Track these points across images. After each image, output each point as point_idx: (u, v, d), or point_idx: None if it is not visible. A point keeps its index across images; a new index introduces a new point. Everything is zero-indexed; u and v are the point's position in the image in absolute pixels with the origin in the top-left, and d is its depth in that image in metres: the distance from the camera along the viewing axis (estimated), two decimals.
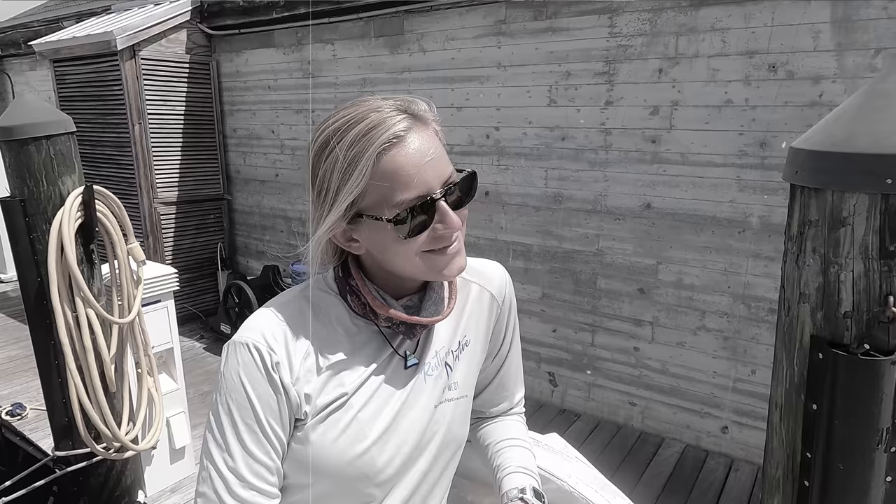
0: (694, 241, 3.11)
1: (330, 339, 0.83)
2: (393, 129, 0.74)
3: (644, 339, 3.37)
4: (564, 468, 0.98)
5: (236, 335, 0.81)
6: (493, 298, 0.98)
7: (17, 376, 4.11)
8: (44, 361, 2.48)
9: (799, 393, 0.93)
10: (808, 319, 0.90)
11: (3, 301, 5.73)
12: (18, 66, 7.23)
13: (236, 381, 0.78)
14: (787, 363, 0.96)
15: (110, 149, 4.83)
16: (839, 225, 0.83)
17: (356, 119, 0.75)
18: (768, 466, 1.05)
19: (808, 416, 0.92)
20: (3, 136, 2.23)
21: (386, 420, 0.84)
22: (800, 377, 0.93)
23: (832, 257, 0.85)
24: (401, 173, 0.74)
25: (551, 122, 3.44)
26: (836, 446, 0.87)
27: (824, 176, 0.85)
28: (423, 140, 0.76)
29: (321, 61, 4.42)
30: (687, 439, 3.32)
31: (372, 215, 0.76)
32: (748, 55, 2.79)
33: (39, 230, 2.28)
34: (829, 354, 0.86)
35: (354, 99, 0.79)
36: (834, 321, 0.87)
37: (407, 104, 0.78)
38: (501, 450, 1.02)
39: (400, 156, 0.74)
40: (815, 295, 0.89)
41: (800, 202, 0.90)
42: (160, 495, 2.89)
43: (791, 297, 0.94)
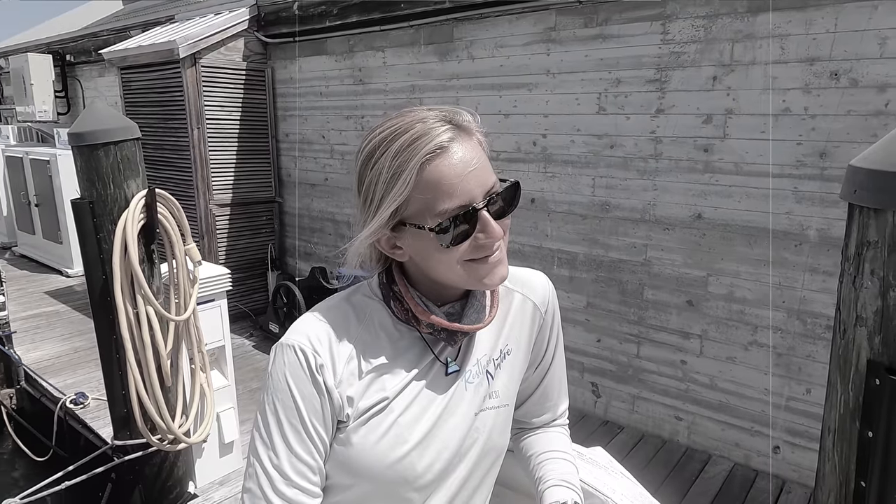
0: (747, 254, 3.02)
1: (373, 343, 0.85)
2: (437, 140, 0.75)
3: (692, 352, 3.29)
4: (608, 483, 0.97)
5: (284, 337, 0.83)
6: (535, 308, 0.98)
7: (81, 367, 4.34)
8: (106, 355, 2.61)
9: (854, 419, 0.90)
10: (865, 343, 0.87)
11: (69, 295, 6.06)
12: (89, 73, 7.65)
13: (282, 381, 0.80)
14: (841, 387, 0.93)
15: (170, 152, 5.05)
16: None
17: (401, 129, 0.77)
18: (819, 493, 1.02)
19: (863, 444, 0.89)
20: (75, 142, 2.38)
21: (426, 425, 0.85)
22: (855, 402, 0.90)
23: (892, 280, 0.82)
24: (444, 183, 0.75)
25: (600, 130, 3.40)
26: (893, 476, 0.84)
27: (885, 196, 0.82)
28: (466, 150, 0.77)
29: (371, 68, 4.51)
30: (735, 457, 3.22)
31: (415, 224, 0.78)
32: (809, 62, 2.69)
33: (105, 230, 2.41)
34: (887, 381, 0.83)
35: (402, 108, 0.81)
36: (893, 346, 0.83)
37: (451, 115, 0.80)
38: (543, 462, 1.02)
39: (443, 166, 0.75)
40: (872, 318, 0.86)
41: (858, 222, 0.87)
42: (209, 487, 2.99)
43: (847, 320, 0.91)
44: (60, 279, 6.60)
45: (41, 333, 5.01)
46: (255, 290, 5.43)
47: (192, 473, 2.95)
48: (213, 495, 2.94)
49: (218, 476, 3.05)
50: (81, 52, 7.45)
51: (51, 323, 5.26)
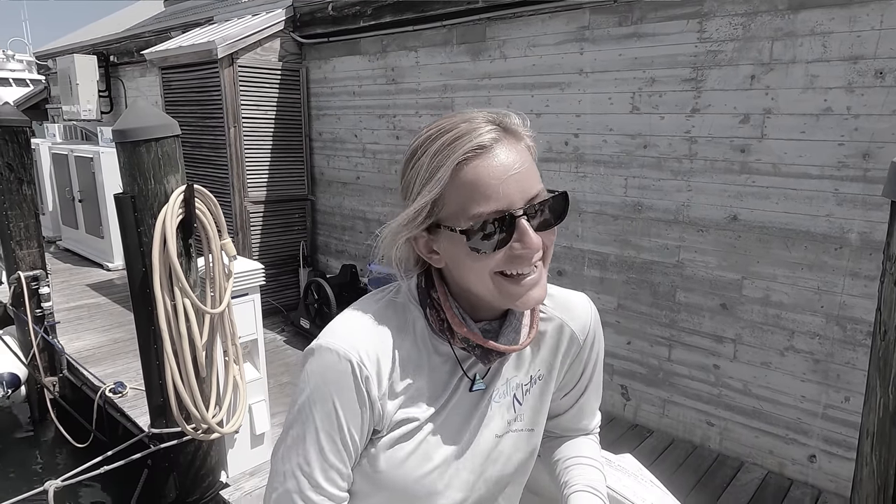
0: (784, 257, 2.94)
1: (414, 356, 0.82)
2: (477, 140, 0.72)
3: (725, 356, 3.22)
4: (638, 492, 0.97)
5: (326, 340, 0.79)
6: (573, 336, 0.94)
7: (120, 357, 4.49)
8: (144, 345, 2.70)
9: (894, 422, 0.88)
10: None
11: (109, 288, 6.26)
12: (131, 73, 7.88)
13: (323, 389, 0.77)
14: (881, 390, 0.91)
15: (208, 150, 5.18)
16: None
17: (446, 128, 0.75)
18: (856, 499, 0.99)
19: None
20: (119, 139, 2.46)
21: (451, 444, 0.84)
22: (895, 406, 0.87)
23: None
24: (480, 184, 0.72)
25: (633, 130, 3.36)
26: None
27: None
28: (509, 153, 0.73)
29: (404, 68, 4.54)
30: (769, 465, 3.14)
31: (448, 226, 0.75)
32: (852, 61, 2.62)
33: (146, 224, 2.49)
34: None
35: (434, 108, 0.85)
36: None
37: (500, 117, 0.76)
38: (570, 467, 1.00)
39: (482, 167, 0.72)
40: None
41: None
42: (240, 477, 3.06)
43: (888, 321, 0.89)
44: (101, 272, 6.83)
45: (83, 324, 5.19)
46: (286, 287, 5.53)
47: (224, 463, 3.02)
48: (244, 485, 3.01)
49: (249, 467, 3.11)
50: (124, 53, 7.69)
51: (92, 314, 5.45)
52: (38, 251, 4.45)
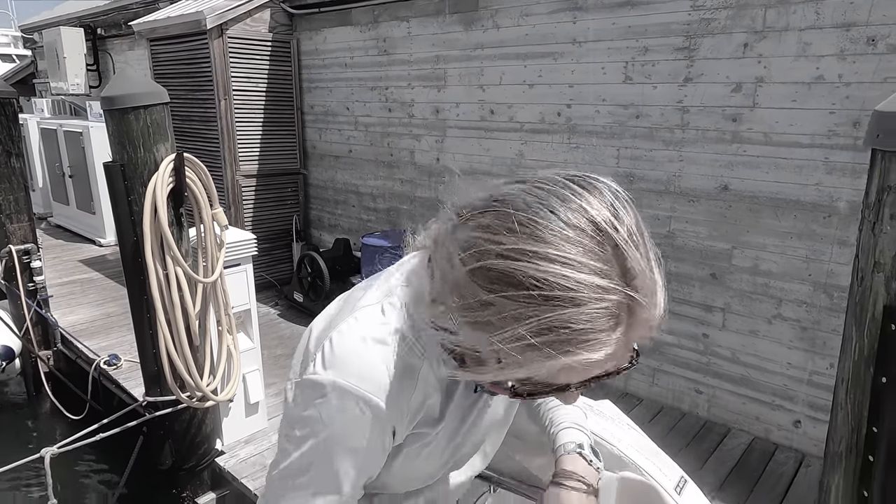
0: (774, 226, 2.97)
1: (432, 395, 0.79)
2: (602, 352, 0.58)
3: (714, 325, 3.27)
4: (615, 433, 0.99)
5: (346, 381, 0.70)
6: None
7: (114, 331, 4.50)
8: (137, 314, 2.71)
9: (868, 366, 0.90)
10: (882, 289, 0.87)
11: (102, 264, 6.24)
12: (119, 46, 7.75)
13: (347, 437, 0.72)
14: (857, 336, 0.93)
15: (198, 123, 5.13)
16: None
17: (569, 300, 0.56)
18: (831, 443, 1.02)
19: (877, 390, 0.89)
20: (107, 106, 2.44)
21: (453, 444, 0.85)
22: (869, 350, 0.90)
23: None
24: (565, 375, 0.62)
25: (626, 100, 3.35)
26: None
27: None
28: (620, 350, 0.61)
29: (396, 39, 4.49)
30: (755, 431, 3.21)
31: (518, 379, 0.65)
32: (845, 28, 2.61)
33: (136, 193, 2.48)
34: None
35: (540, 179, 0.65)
36: None
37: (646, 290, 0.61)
38: (554, 408, 1.03)
39: (582, 365, 0.59)
40: (890, 263, 0.85)
41: (880, 167, 0.86)
42: (235, 445, 3.10)
43: (865, 267, 0.91)
44: (94, 248, 6.80)
45: (76, 299, 5.19)
46: (280, 261, 5.53)
47: (219, 431, 3.05)
48: (240, 452, 3.05)
49: (244, 435, 3.15)
50: (112, 26, 7.55)
51: (85, 289, 5.44)
52: (29, 225, 4.42)
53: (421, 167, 4.58)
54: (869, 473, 0.91)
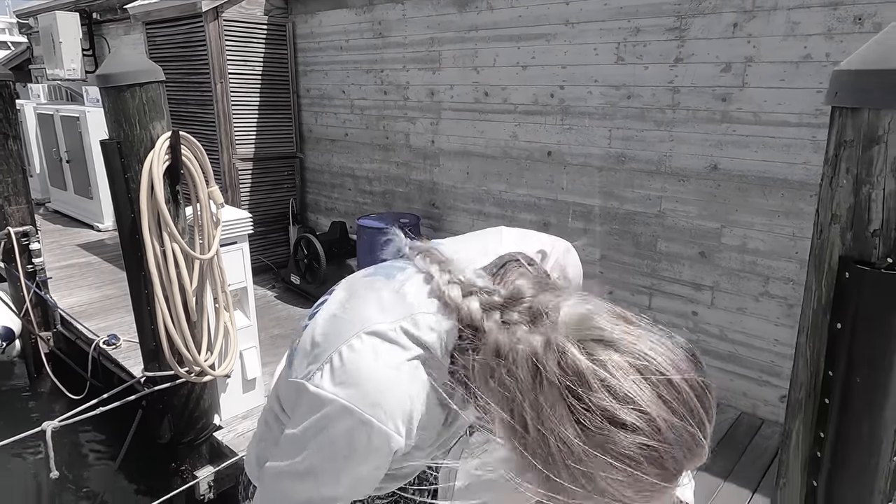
0: (762, 205, 3.01)
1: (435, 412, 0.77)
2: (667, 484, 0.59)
3: (703, 303, 3.32)
4: None
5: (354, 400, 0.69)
6: None
7: (112, 313, 4.55)
8: (136, 291, 2.75)
9: (825, 313, 0.96)
10: (838, 240, 0.92)
11: (100, 248, 6.29)
12: (115, 31, 7.74)
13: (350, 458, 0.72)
14: (815, 285, 0.99)
15: (194, 107, 5.15)
16: (873, 143, 0.84)
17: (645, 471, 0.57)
18: (793, 391, 1.08)
19: (833, 336, 0.94)
20: (102, 83, 2.47)
21: None
22: (827, 298, 0.95)
23: (865, 176, 0.86)
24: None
25: (617, 81, 3.38)
26: (856, 360, 0.90)
27: (861, 94, 0.86)
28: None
29: (391, 21, 4.50)
30: (742, 406, 3.27)
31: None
32: (832, 7, 2.64)
33: (133, 170, 2.52)
34: (856, 272, 0.88)
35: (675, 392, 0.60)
36: (863, 240, 0.88)
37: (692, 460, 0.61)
38: None
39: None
40: (846, 215, 0.90)
41: (838, 124, 0.91)
42: (233, 420, 3.16)
43: (824, 220, 0.96)
44: (92, 233, 6.84)
45: (75, 282, 5.24)
46: (276, 244, 5.57)
47: (217, 406, 3.11)
48: (237, 427, 3.11)
49: (241, 410, 3.21)
50: (107, 10, 7.54)
51: (83, 273, 5.49)
52: (27, 207, 4.45)
53: (416, 150, 4.61)
54: (825, 416, 0.96)
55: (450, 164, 4.38)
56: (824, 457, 0.96)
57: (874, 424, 0.89)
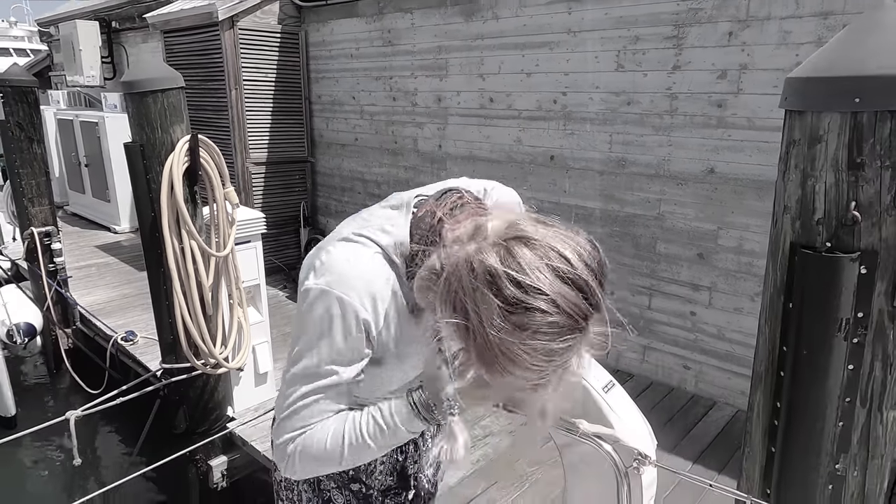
0: (757, 207, 3.11)
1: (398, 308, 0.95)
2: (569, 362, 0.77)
3: (701, 303, 3.41)
4: None
5: (330, 284, 0.89)
6: None
7: (130, 311, 4.71)
8: (155, 286, 2.89)
9: (780, 295, 1.07)
10: (790, 229, 1.03)
11: (117, 249, 6.47)
12: (133, 39, 7.96)
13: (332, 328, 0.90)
14: (772, 270, 1.10)
15: (210, 112, 5.32)
16: (816, 142, 0.95)
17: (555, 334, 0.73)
18: (756, 366, 1.19)
19: (786, 315, 1.06)
20: (127, 90, 2.62)
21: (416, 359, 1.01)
22: (781, 281, 1.06)
23: (809, 171, 0.98)
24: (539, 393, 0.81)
25: (618, 87, 3.50)
26: (804, 336, 1.01)
27: (806, 99, 0.97)
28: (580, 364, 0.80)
29: (400, 30, 4.65)
30: (739, 404, 3.35)
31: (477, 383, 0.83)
32: (822, 16, 2.74)
33: (154, 171, 2.67)
34: (802, 255, 0.99)
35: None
36: (808, 228, 0.99)
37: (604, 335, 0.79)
38: None
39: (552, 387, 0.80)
40: (795, 206, 1.02)
41: (787, 125, 1.02)
42: (245, 412, 3.29)
43: (778, 211, 1.07)
44: (109, 235, 7.03)
45: (93, 281, 5.41)
46: (287, 246, 5.72)
47: (230, 399, 3.25)
48: (250, 419, 3.24)
49: (254, 403, 3.34)
50: (126, 19, 7.76)
51: (101, 273, 5.67)
52: (50, 208, 4.63)
53: (424, 154, 4.74)
54: (780, 387, 1.07)
55: (456, 168, 4.50)
56: (780, 425, 1.07)
57: (819, 393, 1.00)
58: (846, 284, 0.94)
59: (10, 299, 4.50)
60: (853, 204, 0.93)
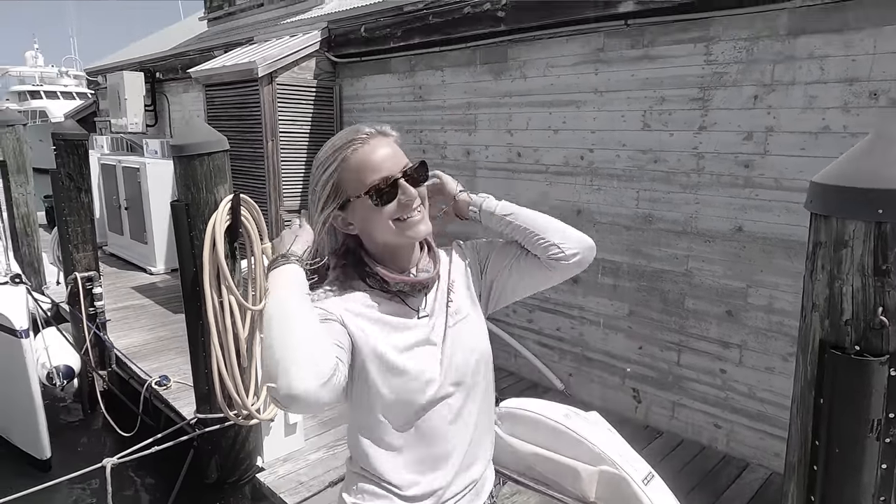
0: (787, 267, 3.11)
1: (365, 308, 1.14)
2: (359, 136, 1.11)
3: (731, 361, 3.38)
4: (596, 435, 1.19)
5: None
6: (457, 244, 1.33)
7: (164, 354, 4.83)
8: (193, 337, 3.00)
9: (811, 389, 1.10)
10: (818, 326, 1.07)
11: (152, 290, 6.66)
12: (175, 89, 8.36)
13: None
14: (802, 364, 1.13)
15: (247, 162, 5.53)
16: (842, 246, 1.00)
17: (338, 137, 1.13)
18: (789, 455, 1.20)
19: (817, 410, 1.08)
20: (176, 153, 2.78)
21: (424, 348, 1.14)
22: (811, 375, 1.09)
23: (836, 273, 1.02)
24: (368, 163, 1.09)
25: (644, 146, 3.57)
26: (836, 434, 1.03)
27: (831, 205, 1.02)
28: (382, 143, 1.12)
29: (431, 86, 4.82)
30: (774, 466, 3.28)
31: (356, 195, 1.10)
32: (848, 82, 2.79)
33: (198, 229, 2.80)
34: (832, 356, 1.03)
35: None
36: (837, 327, 1.03)
37: (374, 126, 1.14)
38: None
39: (365, 152, 1.10)
40: (823, 305, 1.05)
41: (813, 226, 1.07)
42: (274, 462, 3.33)
43: (807, 307, 1.11)
44: (145, 276, 7.25)
45: (129, 323, 5.57)
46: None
47: (260, 449, 3.29)
48: (279, 469, 3.27)
49: (283, 453, 3.37)
50: (169, 70, 8.17)
51: (137, 314, 5.83)
52: (93, 254, 4.83)
53: None
54: (814, 481, 1.09)
55: None
56: None
57: (853, 491, 1.02)
58: (876, 387, 0.97)
59: (52, 342, 4.65)
60: (880, 309, 0.97)
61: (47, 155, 4.77)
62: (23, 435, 4.21)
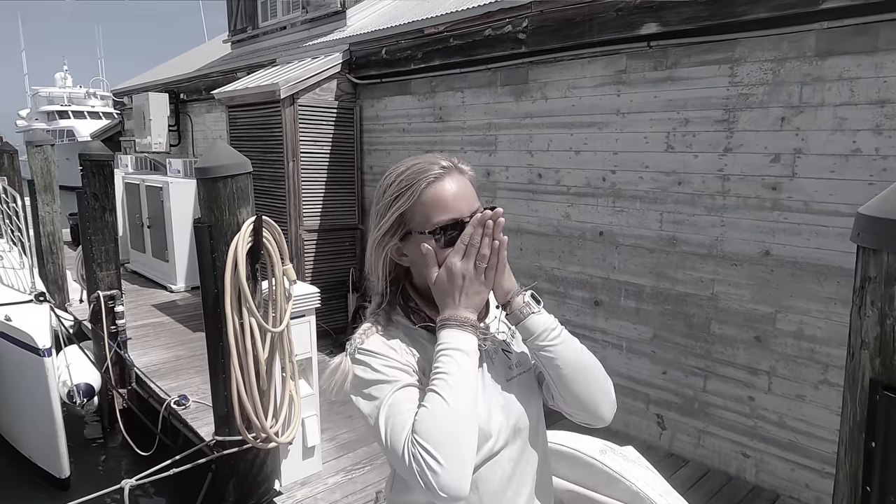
0: (817, 291, 3.02)
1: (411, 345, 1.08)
2: (436, 171, 1.04)
3: (760, 388, 3.29)
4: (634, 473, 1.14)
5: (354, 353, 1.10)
6: None
7: (183, 373, 4.84)
8: (213, 359, 2.99)
9: (861, 431, 1.04)
10: (868, 365, 1.01)
11: (172, 308, 6.71)
12: (198, 109, 8.51)
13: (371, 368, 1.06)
14: (850, 403, 1.07)
15: (268, 181, 5.58)
16: (893, 282, 0.95)
17: (413, 164, 1.07)
18: (836, 499, 1.14)
19: (868, 453, 1.02)
20: (201, 175, 2.80)
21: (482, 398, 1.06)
22: (861, 416, 1.03)
23: (887, 310, 0.97)
24: (439, 201, 1.03)
25: (668, 167, 3.52)
26: (891, 481, 0.97)
27: (880, 238, 0.97)
28: (457, 181, 1.05)
29: (451, 107, 4.84)
30: (805, 499, 3.16)
31: (419, 231, 1.05)
32: (879, 104, 2.73)
33: (220, 251, 2.80)
34: (885, 397, 0.97)
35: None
36: (890, 367, 0.97)
37: (451, 159, 1.08)
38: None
39: (439, 189, 1.04)
40: (873, 343, 1.00)
41: (862, 260, 1.02)
42: (292, 486, 3.29)
43: (855, 344, 1.06)
44: (165, 294, 7.31)
45: (149, 342, 5.60)
46: (336, 311, 5.82)
47: (278, 472, 3.26)
48: (296, 494, 3.23)
49: (300, 477, 3.34)
50: (193, 91, 8.33)
51: (158, 333, 5.87)
52: (116, 273, 4.88)
53: None
54: None
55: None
56: None
57: None
58: None
59: (73, 360, 4.69)
60: None
61: (73, 173, 4.86)
62: (42, 453, 4.22)
